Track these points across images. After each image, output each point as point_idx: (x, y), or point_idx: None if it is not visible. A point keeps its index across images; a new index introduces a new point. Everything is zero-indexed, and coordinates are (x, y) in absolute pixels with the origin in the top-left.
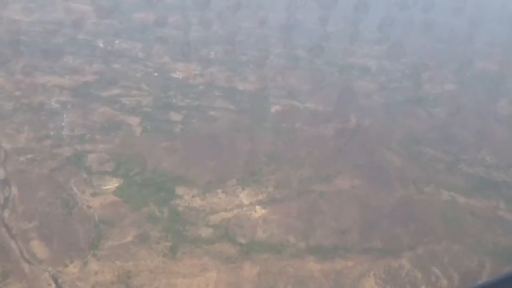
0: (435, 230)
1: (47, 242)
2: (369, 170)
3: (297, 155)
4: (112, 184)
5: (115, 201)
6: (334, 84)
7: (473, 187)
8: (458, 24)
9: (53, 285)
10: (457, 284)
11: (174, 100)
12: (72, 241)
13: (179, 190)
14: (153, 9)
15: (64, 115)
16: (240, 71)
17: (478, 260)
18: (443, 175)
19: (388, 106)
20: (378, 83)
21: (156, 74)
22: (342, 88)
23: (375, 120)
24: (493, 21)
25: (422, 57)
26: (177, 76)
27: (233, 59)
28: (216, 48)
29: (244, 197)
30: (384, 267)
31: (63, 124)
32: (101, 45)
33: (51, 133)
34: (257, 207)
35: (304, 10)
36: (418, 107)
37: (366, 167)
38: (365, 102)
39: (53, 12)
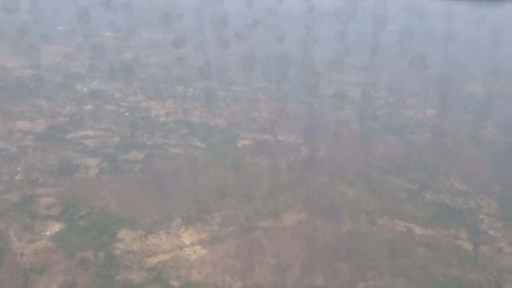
0: (381, 264)
1: None
2: (320, 204)
3: (249, 190)
4: (53, 229)
5: (50, 247)
6: (313, 115)
7: (434, 216)
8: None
9: None
10: None
11: (140, 139)
12: None
13: (121, 233)
14: (138, 49)
15: (22, 160)
16: (215, 107)
17: None
18: (402, 205)
19: (363, 135)
20: (358, 111)
21: (127, 113)
22: (319, 119)
23: (341, 150)
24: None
25: (408, 83)
26: (148, 114)
27: (210, 95)
28: (195, 85)
29: (187, 237)
30: None
31: (18, 169)
32: (78, 87)
33: (4, 178)
34: (197, 247)
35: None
36: (395, 134)
37: (317, 201)
38: (340, 132)
39: (36, 57)
